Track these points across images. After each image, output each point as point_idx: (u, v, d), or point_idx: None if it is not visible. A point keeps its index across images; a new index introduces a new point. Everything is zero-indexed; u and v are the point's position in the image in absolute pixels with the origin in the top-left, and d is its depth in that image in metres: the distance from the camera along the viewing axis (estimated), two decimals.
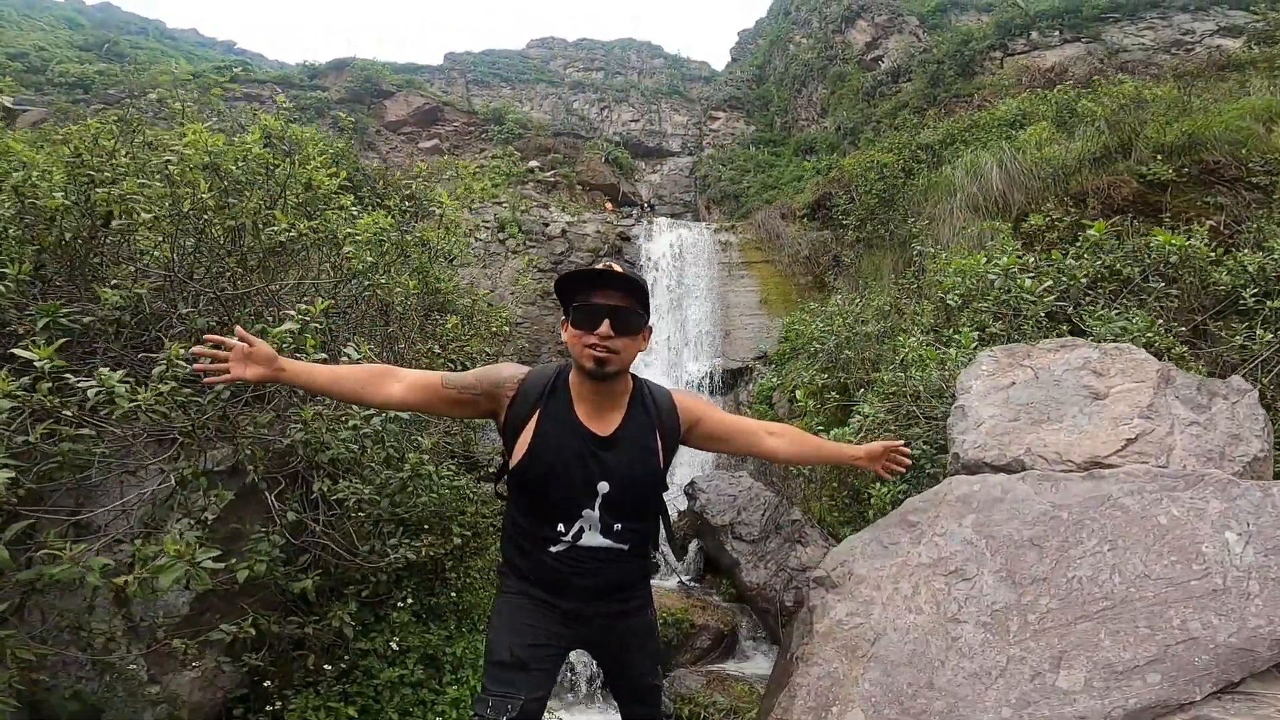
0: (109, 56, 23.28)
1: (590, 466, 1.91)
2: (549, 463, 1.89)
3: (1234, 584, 2.03)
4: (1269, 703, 1.95)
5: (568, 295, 1.90)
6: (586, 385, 1.93)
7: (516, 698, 1.88)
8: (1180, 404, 2.54)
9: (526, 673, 1.92)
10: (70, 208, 2.67)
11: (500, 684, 1.90)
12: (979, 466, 2.69)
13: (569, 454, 1.90)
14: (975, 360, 3.08)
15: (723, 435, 2.12)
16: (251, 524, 2.76)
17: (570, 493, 1.90)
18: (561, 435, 1.90)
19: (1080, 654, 2.10)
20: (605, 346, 1.83)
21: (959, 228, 7.39)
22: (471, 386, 1.95)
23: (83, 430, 1.98)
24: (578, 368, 1.92)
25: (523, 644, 1.93)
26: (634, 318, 1.88)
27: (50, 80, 18.84)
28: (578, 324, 1.86)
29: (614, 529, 1.94)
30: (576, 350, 1.88)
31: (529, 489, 1.94)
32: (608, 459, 1.92)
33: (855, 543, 2.70)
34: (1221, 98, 8.61)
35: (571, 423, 1.92)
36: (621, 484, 1.92)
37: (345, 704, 2.99)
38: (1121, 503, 2.21)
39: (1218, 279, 4.69)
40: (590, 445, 1.91)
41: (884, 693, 2.29)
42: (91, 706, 2.41)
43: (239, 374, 1.75)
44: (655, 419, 1.99)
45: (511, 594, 2.02)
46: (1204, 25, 18.35)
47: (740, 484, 5.99)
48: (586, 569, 1.95)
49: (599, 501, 1.91)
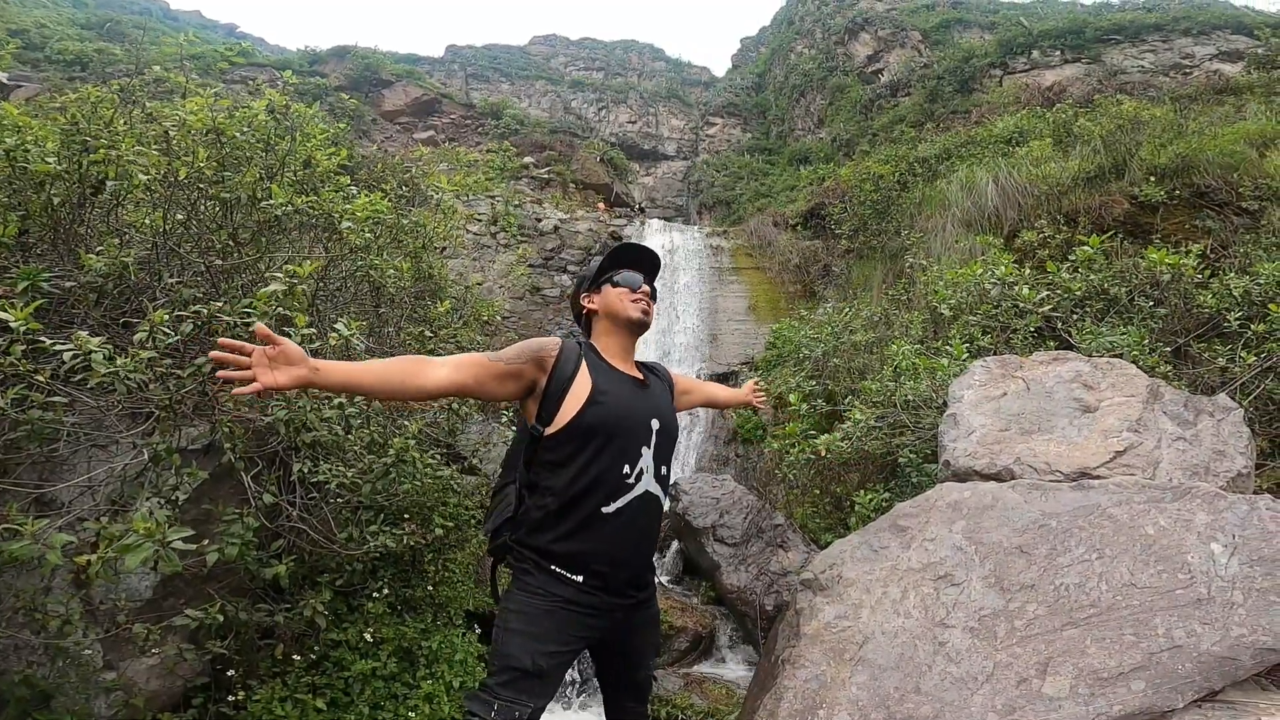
0: (110, 36, 22.97)
1: (643, 405, 2.08)
2: (615, 402, 2.00)
3: (1218, 594, 2.03)
4: (1248, 711, 1.96)
5: (610, 266, 2.22)
6: (617, 341, 2.17)
7: (526, 705, 1.81)
8: (1168, 419, 2.55)
9: (542, 681, 1.86)
10: (62, 174, 2.60)
11: (512, 689, 1.82)
12: (969, 474, 2.68)
13: (626, 394, 2.05)
14: (968, 370, 3.07)
15: (698, 393, 2.65)
16: (224, 506, 2.68)
17: (635, 430, 2.02)
18: (615, 381, 2.06)
19: (1066, 661, 2.09)
20: (648, 302, 2.16)
21: (951, 242, 7.43)
22: (518, 357, 1.97)
23: (54, 398, 1.90)
24: (618, 321, 2.16)
25: (545, 651, 1.85)
26: (653, 286, 2.25)
27: (48, 57, 18.57)
28: (623, 283, 2.17)
29: (660, 472, 2.06)
30: (621, 306, 2.14)
31: (596, 435, 1.95)
32: (649, 398, 2.12)
33: (845, 546, 2.68)
34: (1217, 121, 8.72)
35: (615, 371, 2.09)
36: (664, 420, 2.11)
37: (314, 696, 2.90)
38: (1110, 513, 2.20)
39: (1202, 301, 4.74)
40: (635, 387, 2.10)
41: (871, 696, 2.26)
42: (41, 692, 2.32)
43: (270, 381, 1.52)
44: (658, 375, 2.30)
45: (538, 595, 1.93)
46: (1204, 49, 18.64)
47: (723, 487, 5.96)
48: (638, 529, 2.00)
49: (654, 438, 2.04)
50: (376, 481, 2.72)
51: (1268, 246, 5.92)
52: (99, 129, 2.83)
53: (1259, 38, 16.47)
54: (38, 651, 2.35)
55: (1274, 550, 2.04)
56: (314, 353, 2.74)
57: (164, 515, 1.81)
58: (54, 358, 2.01)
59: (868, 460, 4.95)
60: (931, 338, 5.43)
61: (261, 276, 3.18)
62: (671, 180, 28.29)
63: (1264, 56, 13.60)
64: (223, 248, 2.94)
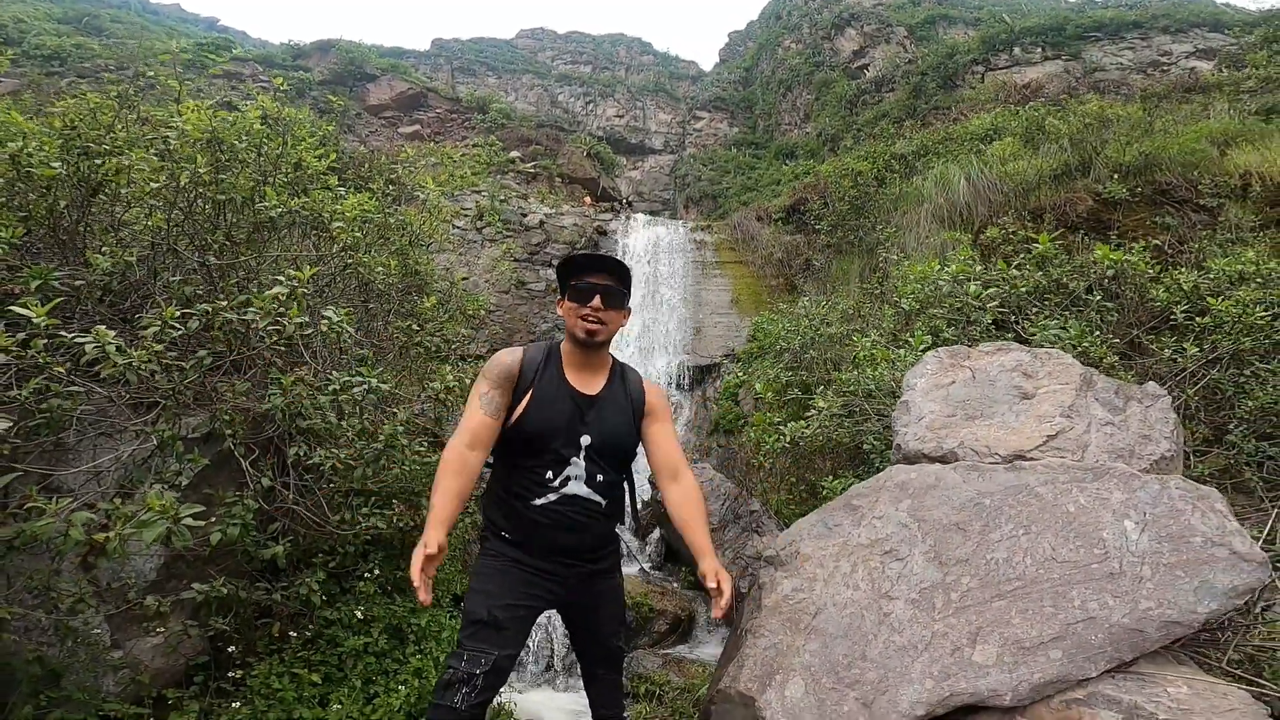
0: (88, 30, 22.76)
1: (576, 421, 2.23)
2: (544, 416, 2.20)
3: (1129, 568, 2.18)
4: (1156, 682, 2.10)
5: (566, 276, 2.26)
6: (576, 354, 2.28)
7: (490, 653, 2.06)
8: (1099, 405, 2.76)
9: (500, 631, 2.10)
10: (65, 178, 2.75)
11: (475, 640, 2.09)
12: (918, 457, 2.89)
13: (560, 408, 2.22)
14: (921, 360, 3.28)
15: (653, 441, 2.38)
16: (224, 491, 2.85)
17: (560, 441, 2.20)
18: (554, 393, 2.23)
19: (994, 631, 2.24)
20: (596, 317, 2.19)
21: (923, 237, 7.66)
22: (499, 393, 2.23)
23: (72, 388, 2.07)
24: (570, 336, 2.27)
25: (500, 604, 2.11)
26: (619, 295, 2.25)
27: (25, 53, 18.40)
28: (574, 299, 2.22)
29: (596, 479, 2.23)
30: (572, 321, 2.24)
31: (525, 438, 2.20)
32: (591, 415, 2.25)
33: (803, 524, 2.88)
34: (1184, 120, 8.98)
35: (563, 384, 2.26)
36: (602, 436, 2.24)
37: (309, 671, 3.05)
38: (1037, 491, 2.40)
39: (1155, 295, 4.98)
40: (577, 403, 2.24)
41: (822, 662, 2.43)
42: (51, 671, 2.44)
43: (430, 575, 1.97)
44: (627, 391, 2.36)
45: (491, 556, 2.22)
46: (1182, 47, 18.96)
47: (702, 475, 6.17)
48: (566, 522, 2.19)
49: (583, 452, 2.21)
50: (368, 466, 2.90)
51: (1222, 243, 6.19)
52: (99, 134, 2.98)
53: (1233, 35, 16.78)
54: (47, 631, 2.46)
55: (1181, 527, 2.21)
56: (306, 342, 2.93)
57: (172, 497, 1.98)
58: (67, 350, 2.17)
59: (839, 448, 5.17)
60: (902, 330, 5.65)
61: (254, 274, 3.34)
62: (658, 174, 28.40)
63: (1234, 55, 13.91)
64: (219, 247, 3.10)
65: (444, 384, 3.71)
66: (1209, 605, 2.10)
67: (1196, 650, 2.43)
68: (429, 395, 3.70)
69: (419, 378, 4.11)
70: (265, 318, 2.39)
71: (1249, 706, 1.97)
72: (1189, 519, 2.20)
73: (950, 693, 2.21)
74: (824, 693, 2.37)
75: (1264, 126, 7.67)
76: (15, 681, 2.36)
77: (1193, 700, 1.98)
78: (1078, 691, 2.12)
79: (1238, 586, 2.11)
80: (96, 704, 2.47)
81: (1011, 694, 2.14)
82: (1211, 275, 5.04)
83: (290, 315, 2.42)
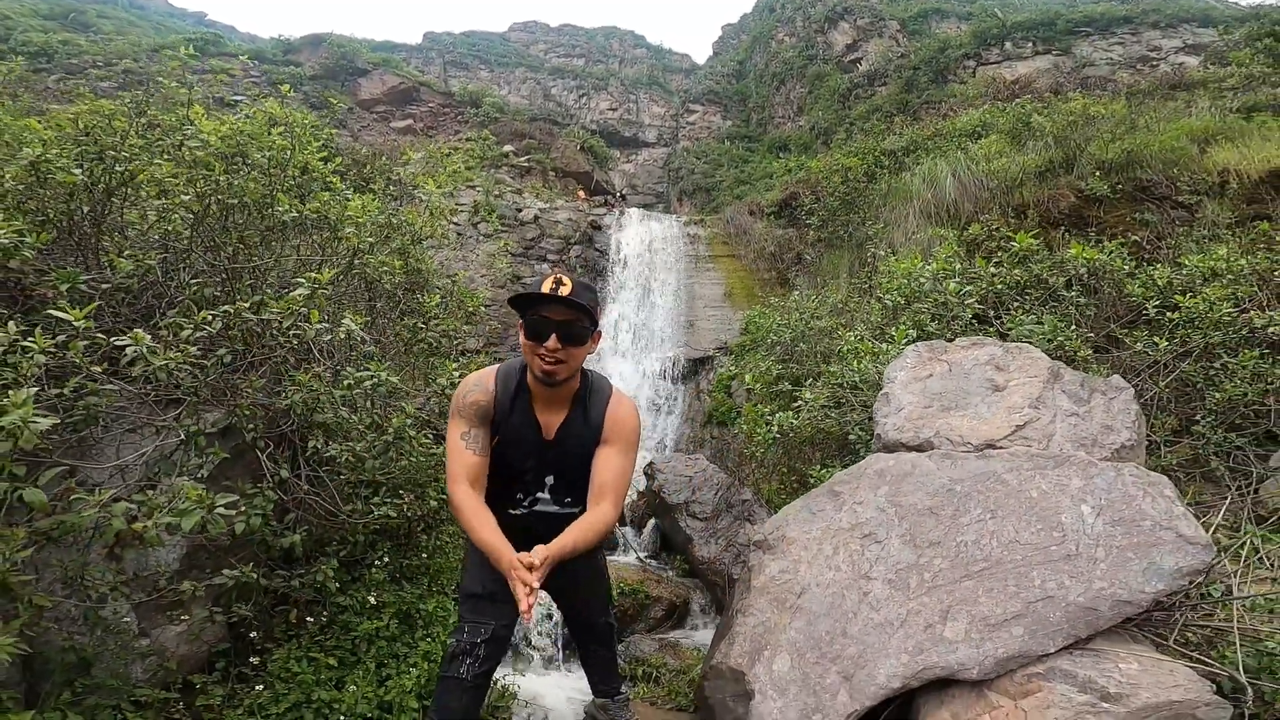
0: (74, 26, 22.67)
1: (540, 460, 2.33)
2: (511, 456, 2.31)
3: (1085, 550, 2.34)
4: (1110, 659, 2.24)
5: (521, 309, 2.13)
6: (537, 386, 2.24)
7: (488, 623, 2.27)
8: (1065, 397, 2.94)
9: (495, 603, 2.30)
10: (86, 185, 2.89)
11: (474, 613, 2.29)
12: (896, 446, 3.07)
13: (526, 449, 2.31)
14: (902, 354, 3.46)
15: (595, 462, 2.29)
16: (242, 483, 3.01)
17: (525, 481, 2.34)
18: (520, 434, 2.29)
19: (963, 608, 2.40)
20: (554, 358, 2.09)
21: (912, 232, 7.84)
22: (481, 431, 2.26)
23: (108, 387, 2.23)
24: (531, 374, 2.23)
25: (492, 577, 2.28)
26: (580, 329, 2.12)
27: (12, 49, 18.36)
28: (530, 336, 2.12)
29: (565, 501, 2.39)
30: (529, 359, 2.17)
31: (499, 466, 2.32)
32: (551, 457, 2.32)
33: (789, 510, 3.06)
34: (1167, 117, 9.16)
35: (528, 422, 2.30)
36: (565, 474, 2.35)
37: (325, 655, 3.21)
38: (1003, 478, 2.57)
39: (1132, 291, 5.17)
40: (539, 446, 2.31)
41: (806, 639, 2.61)
42: (82, 659, 2.54)
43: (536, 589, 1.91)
44: (588, 420, 2.31)
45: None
46: (1171, 42, 19.16)
47: (696, 465, 6.35)
48: (541, 528, 2.31)
49: (548, 486, 2.36)
50: (377, 458, 3.06)
51: (1198, 239, 6.39)
52: (115, 142, 3.11)
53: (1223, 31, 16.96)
54: (77, 621, 2.57)
55: (1133, 512, 2.38)
56: (324, 346, 3.09)
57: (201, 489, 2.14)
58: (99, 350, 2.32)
59: (828, 439, 5.36)
60: (889, 324, 5.84)
61: (264, 275, 3.49)
62: (652, 167, 28.49)
63: (1220, 51, 14.10)
64: (234, 250, 3.25)
65: (449, 379, 3.87)
66: (1156, 585, 2.27)
67: (1152, 629, 2.56)
68: (434, 391, 3.86)
69: (422, 373, 4.26)
70: (288, 319, 2.55)
71: (1193, 683, 2.11)
72: (1140, 504, 2.38)
73: (923, 666, 2.38)
74: (808, 666, 2.55)
75: (1244, 124, 7.86)
76: (50, 670, 2.48)
77: (1141, 676, 2.13)
78: (1038, 666, 2.28)
79: (1183, 568, 2.27)
80: (128, 690, 2.60)
81: (978, 668, 2.31)
82: (1185, 271, 5.24)
83: (311, 318, 2.58)
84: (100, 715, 2.46)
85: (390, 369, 3.19)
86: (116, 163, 3.01)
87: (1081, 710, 2.09)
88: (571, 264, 12.07)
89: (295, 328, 2.60)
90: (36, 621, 2.11)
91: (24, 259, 2.48)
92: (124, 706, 2.56)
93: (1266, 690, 2.24)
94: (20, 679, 2.35)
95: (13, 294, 2.78)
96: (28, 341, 2.08)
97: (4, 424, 1.81)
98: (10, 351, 2.07)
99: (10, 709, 2.05)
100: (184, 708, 2.79)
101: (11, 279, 2.73)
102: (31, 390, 1.86)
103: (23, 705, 2.19)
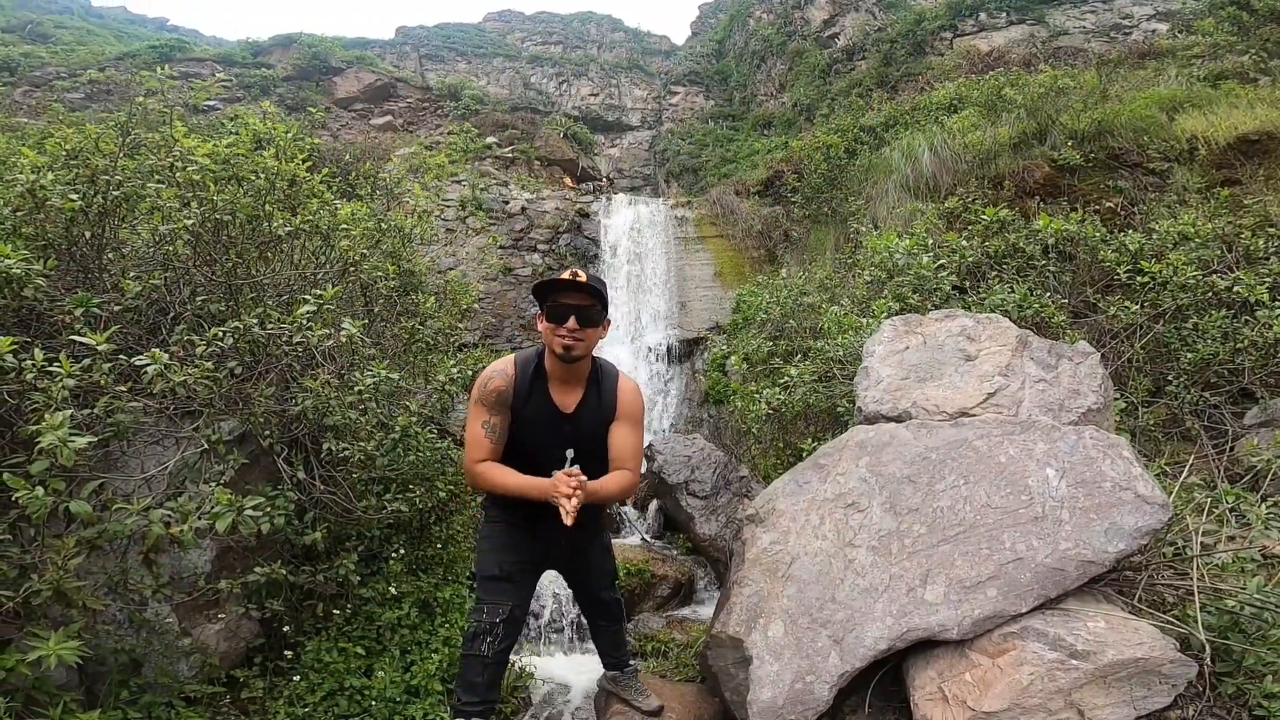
0: (33, 37, 22.35)
1: (559, 437, 2.52)
2: (532, 437, 2.51)
3: (1050, 512, 2.45)
4: (1078, 618, 2.35)
5: (542, 296, 2.42)
6: (557, 366, 2.49)
7: (505, 603, 2.46)
8: (1033, 364, 3.10)
9: (511, 584, 2.49)
10: (84, 210, 3.00)
11: (491, 594, 2.48)
12: (876, 418, 3.24)
13: (545, 428, 2.52)
14: (880, 328, 3.61)
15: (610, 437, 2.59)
16: (261, 486, 3.17)
17: (547, 457, 2.50)
18: (540, 415, 2.51)
19: (941, 572, 2.52)
20: (572, 337, 2.37)
21: (893, 207, 7.99)
22: (499, 419, 2.50)
23: (132, 403, 2.38)
24: (550, 352, 2.46)
25: (508, 560, 2.49)
26: (595, 313, 2.42)
27: None
28: (550, 319, 2.39)
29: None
30: (549, 340, 2.43)
31: (515, 452, 2.52)
32: (569, 430, 2.53)
33: (778, 484, 3.22)
34: (1137, 86, 9.29)
35: (546, 403, 2.52)
36: (584, 448, 2.54)
37: (353, 644, 3.40)
38: (974, 445, 2.73)
39: (1105, 257, 5.34)
40: (560, 421, 2.52)
41: (798, 605, 2.75)
42: (134, 660, 2.71)
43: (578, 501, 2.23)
44: (602, 399, 2.58)
45: (496, 522, 2.59)
46: (1143, 9, 19.14)
47: (694, 445, 6.52)
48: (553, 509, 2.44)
49: (567, 461, 2.52)
50: (387, 455, 3.23)
51: (1170, 204, 6.57)
52: (107, 165, 3.19)
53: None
54: (122, 625, 2.73)
55: (1094, 474, 2.50)
56: (325, 351, 3.23)
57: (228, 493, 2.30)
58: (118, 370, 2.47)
59: (819, 413, 5.54)
60: (874, 298, 6.00)
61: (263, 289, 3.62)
62: (638, 150, 28.44)
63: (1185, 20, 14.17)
64: (232, 265, 3.38)
65: (447, 375, 4.03)
66: (1118, 545, 2.39)
67: (1120, 589, 2.69)
68: (434, 387, 4.01)
69: (421, 371, 4.41)
70: (296, 332, 2.71)
71: (1156, 640, 2.21)
72: (1100, 466, 2.53)
73: (907, 629, 2.51)
74: (801, 632, 2.70)
75: (1210, 92, 7.99)
76: (104, 672, 2.63)
77: (1107, 634, 2.25)
78: (1013, 626, 2.40)
79: (1141, 527, 2.40)
80: (178, 687, 2.78)
81: (957, 628, 2.44)
82: (1156, 237, 5.41)
83: (314, 330, 2.73)
84: (156, 712, 2.63)
85: (391, 369, 3.34)
86: (110, 186, 3.10)
87: (1052, 667, 2.21)
88: (562, 253, 12.16)
89: (299, 335, 2.75)
90: (90, 626, 2.27)
91: (37, 288, 2.60)
92: (175, 703, 2.74)
93: (1235, 649, 2.32)
94: (79, 682, 2.51)
95: (26, 320, 2.91)
96: (54, 367, 2.22)
97: (44, 445, 1.96)
98: (39, 376, 2.21)
99: (75, 710, 2.21)
100: (229, 702, 2.98)
101: (26, 306, 2.86)
102: (67, 413, 2.01)
103: (85, 706, 2.34)
